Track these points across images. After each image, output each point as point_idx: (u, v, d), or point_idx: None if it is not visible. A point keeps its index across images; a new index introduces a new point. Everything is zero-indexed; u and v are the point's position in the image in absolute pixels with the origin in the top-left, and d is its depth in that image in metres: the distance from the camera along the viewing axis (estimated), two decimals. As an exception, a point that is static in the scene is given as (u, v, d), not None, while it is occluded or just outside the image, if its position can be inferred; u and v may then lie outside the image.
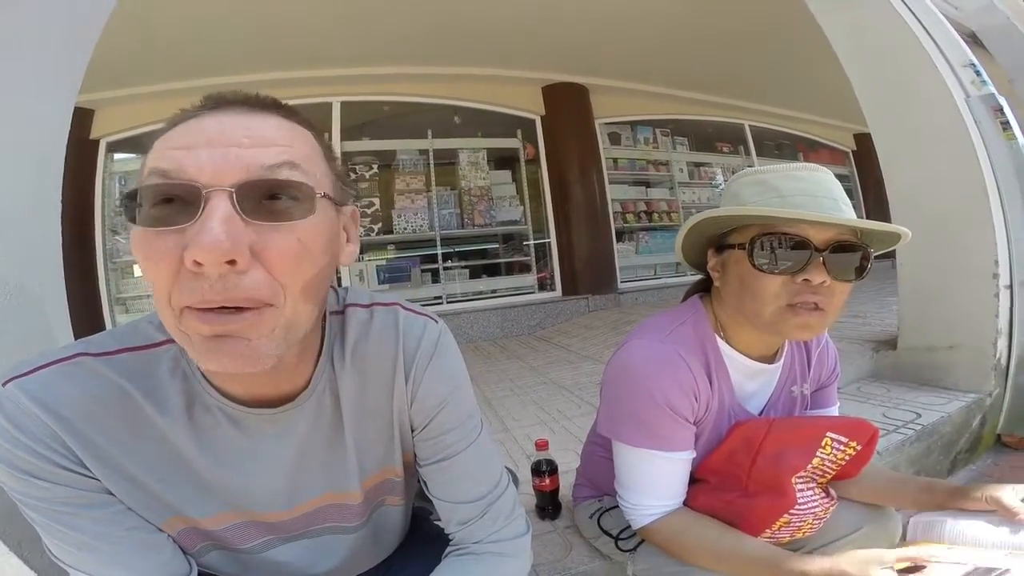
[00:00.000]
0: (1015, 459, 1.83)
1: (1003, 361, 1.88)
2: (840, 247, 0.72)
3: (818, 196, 0.72)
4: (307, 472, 0.61)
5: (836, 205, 0.73)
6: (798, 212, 0.70)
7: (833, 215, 0.71)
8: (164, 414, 0.52)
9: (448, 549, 0.69)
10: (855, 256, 0.73)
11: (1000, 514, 0.72)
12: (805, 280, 0.71)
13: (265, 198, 0.42)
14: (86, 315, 4.00)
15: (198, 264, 0.39)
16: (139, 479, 0.52)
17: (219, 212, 0.40)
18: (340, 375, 0.60)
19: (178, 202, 0.41)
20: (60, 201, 1.20)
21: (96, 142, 4.35)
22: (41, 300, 1.10)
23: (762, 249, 0.73)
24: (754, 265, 0.73)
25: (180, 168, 0.41)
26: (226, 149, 0.42)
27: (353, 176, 4.90)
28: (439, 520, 0.72)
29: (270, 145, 0.44)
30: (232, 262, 0.40)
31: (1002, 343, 1.85)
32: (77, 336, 0.58)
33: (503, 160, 5.60)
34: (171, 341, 0.53)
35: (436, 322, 0.66)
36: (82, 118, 4.16)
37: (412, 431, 0.66)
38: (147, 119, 4.28)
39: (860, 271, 0.74)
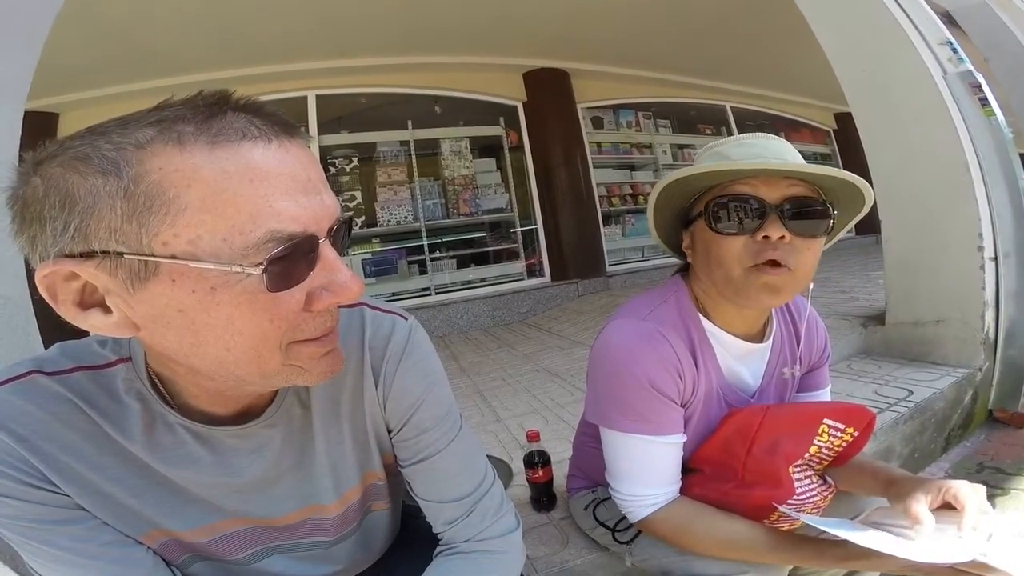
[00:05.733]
0: (1008, 435, 1.85)
1: (991, 334, 1.89)
2: (796, 202, 0.71)
3: (768, 158, 0.73)
4: (283, 486, 0.59)
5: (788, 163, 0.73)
6: (742, 164, 0.71)
7: (778, 163, 0.71)
8: (122, 434, 0.50)
9: (437, 549, 0.68)
10: (813, 211, 0.72)
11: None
12: (765, 237, 0.70)
13: (334, 235, 0.45)
14: (63, 323, 3.91)
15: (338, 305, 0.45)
16: (111, 494, 0.51)
17: (336, 257, 0.44)
18: None
19: (294, 255, 0.41)
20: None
21: (62, 147, 4.24)
22: (5, 315, 1.06)
23: (717, 212, 0.73)
24: (712, 228, 0.74)
25: (296, 219, 0.40)
26: (320, 197, 0.43)
27: (333, 170, 4.83)
28: None
29: (327, 183, 0.45)
30: None
31: (989, 316, 1.87)
32: (47, 346, 0.56)
33: (486, 148, 5.55)
34: (122, 361, 0.52)
35: (405, 319, 0.64)
36: (46, 123, 4.04)
37: (388, 433, 0.65)
38: (115, 121, 4.18)
39: (823, 228, 0.73)
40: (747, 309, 0.82)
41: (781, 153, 0.74)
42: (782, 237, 0.70)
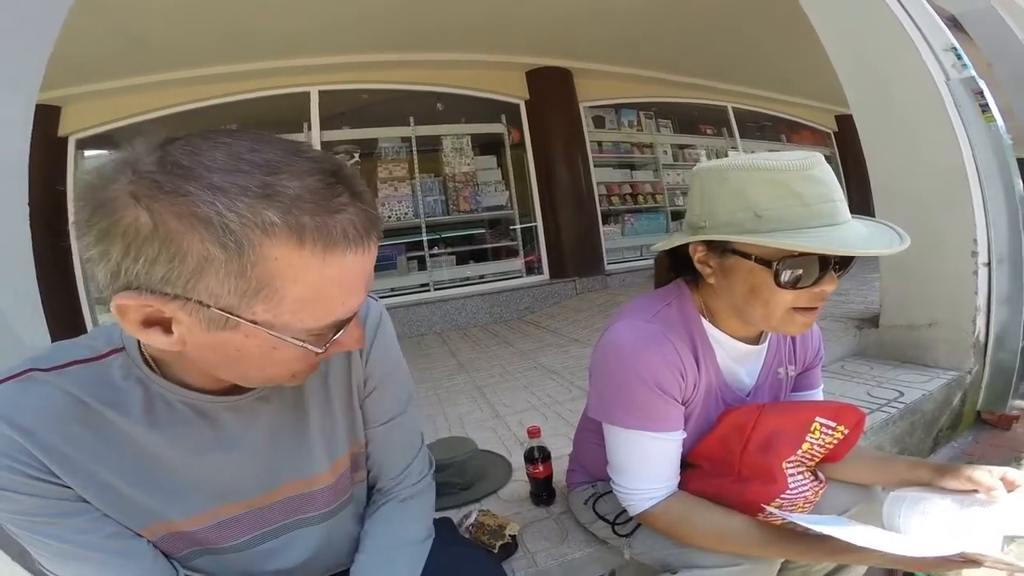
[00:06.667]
0: (995, 436, 1.89)
1: (982, 338, 1.92)
2: (847, 256, 0.73)
3: (835, 200, 0.71)
4: (278, 456, 0.63)
5: (845, 205, 0.72)
6: (853, 250, 0.67)
7: (893, 247, 0.70)
8: (126, 418, 0.53)
9: (375, 498, 0.78)
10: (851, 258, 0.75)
11: (983, 494, 0.74)
12: (821, 289, 0.73)
13: None
14: (68, 318, 3.92)
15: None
16: (113, 484, 0.53)
17: (356, 317, 0.52)
18: None
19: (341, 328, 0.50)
20: (28, 205, 1.18)
21: (64, 140, 4.21)
22: (15, 308, 1.08)
23: (789, 270, 0.71)
24: (780, 284, 0.72)
25: (354, 309, 0.49)
26: (370, 280, 0.50)
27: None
28: None
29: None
30: None
31: (981, 320, 1.90)
32: (55, 340, 0.58)
33: (488, 145, 5.56)
34: (116, 351, 0.54)
35: (376, 300, 0.73)
36: (48, 115, 4.04)
37: (367, 395, 0.72)
38: (118, 114, 4.16)
39: (847, 266, 0.76)
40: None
41: (838, 188, 0.72)
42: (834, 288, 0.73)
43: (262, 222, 0.39)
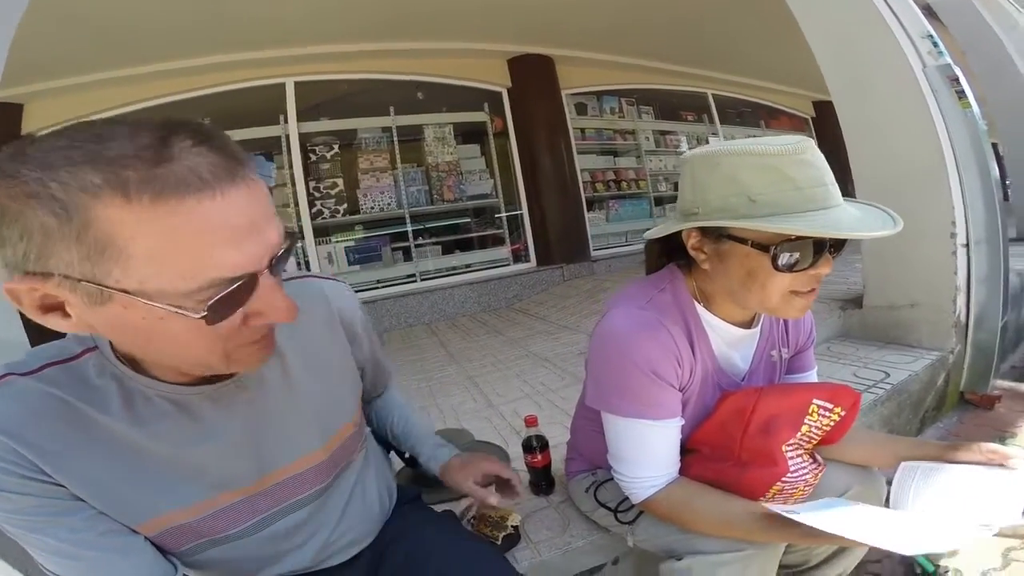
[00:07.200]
0: (978, 416, 1.94)
1: (962, 318, 1.98)
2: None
3: (827, 184, 0.71)
4: (265, 442, 0.64)
5: (837, 189, 0.73)
6: (852, 232, 0.67)
7: (887, 229, 0.70)
8: (107, 415, 0.53)
9: (380, 393, 0.99)
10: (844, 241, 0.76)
11: (1000, 462, 0.78)
12: (817, 272, 0.74)
13: (276, 261, 0.49)
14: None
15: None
16: (105, 481, 0.54)
17: (274, 284, 0.48)
18: (281, 341, 0.64)
19: (234, 293, 0.45)
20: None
21: (28, 138, 4.08)
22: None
23: (786, 253, 0.72)
24: (778, 268, 0.72)
25: (238, 266, 0.44)
26: (262, 235, 0.45)
27: (313, 157, 4.74)
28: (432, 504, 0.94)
29: (272, 216, 0.47)
30: None
31: (960, 300, 1.95)
32: (33, 341, 0.58)
33: (471, 134, 5.52)
34: (89, 351, 0.55)
35: (337, 280, 0.80)
36: (10, 113, 3.90)
37: (356, 354, 0.81)
38: (83, 111, 4.00)
39: (840, 249, 0.77)
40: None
41: (829, 171, 0.72)
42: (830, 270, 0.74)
43: (84, 185, 0.38)
